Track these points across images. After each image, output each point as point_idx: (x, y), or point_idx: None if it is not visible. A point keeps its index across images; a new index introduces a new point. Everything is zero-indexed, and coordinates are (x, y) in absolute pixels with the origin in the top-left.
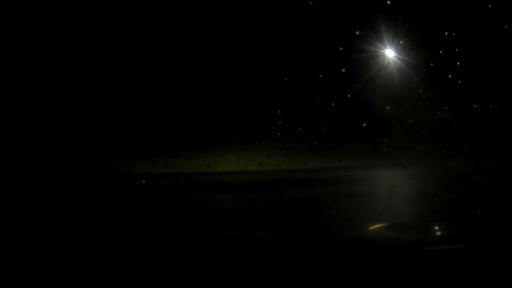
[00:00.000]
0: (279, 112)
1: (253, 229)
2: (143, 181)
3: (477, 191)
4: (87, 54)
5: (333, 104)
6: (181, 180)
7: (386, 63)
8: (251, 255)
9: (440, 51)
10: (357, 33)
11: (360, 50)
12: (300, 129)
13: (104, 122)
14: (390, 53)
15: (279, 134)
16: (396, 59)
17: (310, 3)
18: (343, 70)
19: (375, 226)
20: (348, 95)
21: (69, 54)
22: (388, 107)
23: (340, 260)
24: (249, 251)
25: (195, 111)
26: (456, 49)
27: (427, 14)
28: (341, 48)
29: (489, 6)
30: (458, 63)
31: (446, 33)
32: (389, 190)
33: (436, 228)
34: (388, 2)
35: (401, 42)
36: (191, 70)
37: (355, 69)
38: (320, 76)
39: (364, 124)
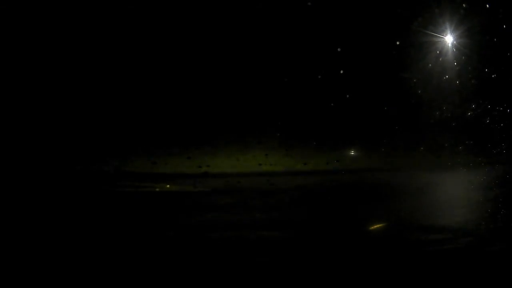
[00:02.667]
0: (279, 112)
1: (254, 229)
2: (168, 186)
3: None
4: (87, 54)
5: (331, 103)
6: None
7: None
8: (251, 255)
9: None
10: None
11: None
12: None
13: (105, 122)
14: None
15: (279, 134)
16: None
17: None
18: (341, 71)
19: (375, 226)
20: (348, 96)
21: (68, 54)
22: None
23: (340, 260)
24: (249, 251)
25: (195, 112)
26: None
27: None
28: (339, 49)
29: None
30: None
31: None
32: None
33: (437, 228)
34: None
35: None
36: (192, 71)
37: (355, 68)
38: (319, 77)
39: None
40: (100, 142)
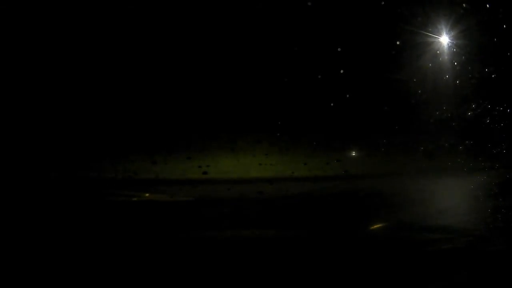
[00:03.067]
0: (279, 112)
1: (254, 228)
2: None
3: None
4: (86, 55)
5: (331, 103)
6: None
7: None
8: (251, 254)
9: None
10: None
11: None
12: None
13: (104, 122)
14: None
15: (279, 134)
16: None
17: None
18: (342, 71)
19: (375, 226)
20: (348, 96)
21: (67, 55)
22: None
23: (340, 260)
24: (249, 250)
25: (195, 112)
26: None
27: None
28: (339, 49)
29: None
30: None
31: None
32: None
33: (437, 228)
34: None
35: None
36: (192, 71)
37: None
38: (319, 77)
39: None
40: (100, 142)
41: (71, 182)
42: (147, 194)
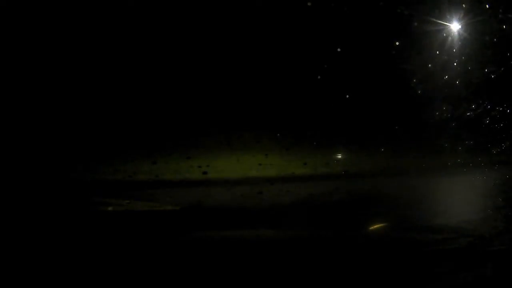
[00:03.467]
0: (279, 112)
1: (254, 228)
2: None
3: None
4: (86, 55)
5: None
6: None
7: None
8: (251, 254)
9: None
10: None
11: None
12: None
13: (104, 122)
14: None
15: (279, 134)
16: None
17: None
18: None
19: (375, 226)
20: (348, 96)
21: (67, 55)
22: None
23: (340, 260)
24: (249, 250)
25: (195, 111)
26: None
27: None
28: (339, 49)
29: None
30: None
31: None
32: None
33: (437, 228)
34: None
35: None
36: (192, 71)
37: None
38: (318, 77)
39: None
40: (100, 142)
41: (71, 183)
42: (146, 194)
